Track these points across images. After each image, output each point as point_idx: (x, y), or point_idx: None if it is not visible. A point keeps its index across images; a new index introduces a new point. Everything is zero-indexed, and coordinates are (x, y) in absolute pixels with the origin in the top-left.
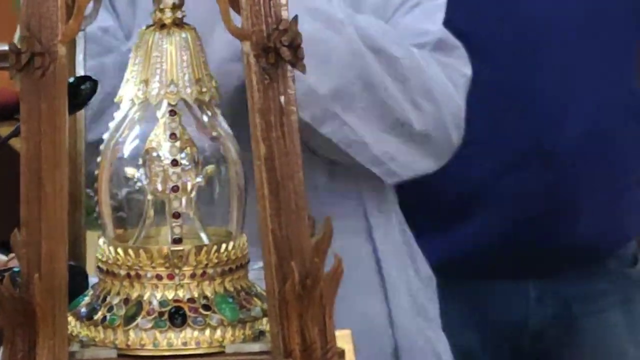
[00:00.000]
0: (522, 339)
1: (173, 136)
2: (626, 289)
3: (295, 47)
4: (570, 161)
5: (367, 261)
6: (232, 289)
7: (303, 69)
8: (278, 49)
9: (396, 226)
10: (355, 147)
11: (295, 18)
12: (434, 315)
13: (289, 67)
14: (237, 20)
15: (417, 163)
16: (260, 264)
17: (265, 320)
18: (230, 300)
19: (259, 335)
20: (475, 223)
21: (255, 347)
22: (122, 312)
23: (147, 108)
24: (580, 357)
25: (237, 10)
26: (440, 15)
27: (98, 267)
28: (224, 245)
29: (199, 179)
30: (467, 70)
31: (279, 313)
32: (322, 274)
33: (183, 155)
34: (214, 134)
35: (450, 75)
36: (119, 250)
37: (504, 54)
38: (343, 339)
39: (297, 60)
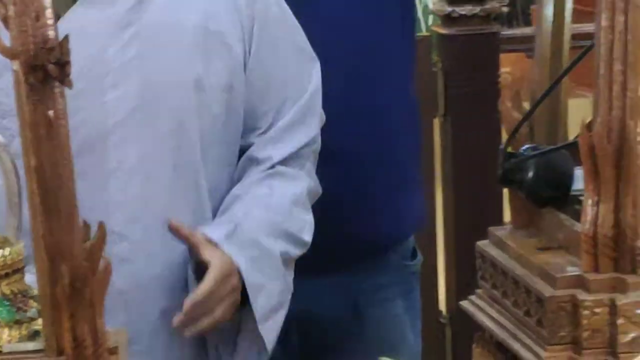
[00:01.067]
0: (312, 330)
1: None
2: (406, 280)
3: (62, 64)
4: (352, 161)
5: None
6: (8, 292)
7: (70, 85)
8: (46, 67)
9: None
10: None
11: (66, 37)
12: None
13: (57, 84)
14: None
15: None
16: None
17: (40, 320)
18: (7, 302)
19: (34, 335)
20: None
21: (30, 345)
22: None
23: None
24: (367, 345)
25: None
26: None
27: None
28: (0, 251)
29: None
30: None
31: (51, 313)
32: (91, 276)
33: None
34: None
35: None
36: None
37: None
38: (116, 336)
39: (64, 77)
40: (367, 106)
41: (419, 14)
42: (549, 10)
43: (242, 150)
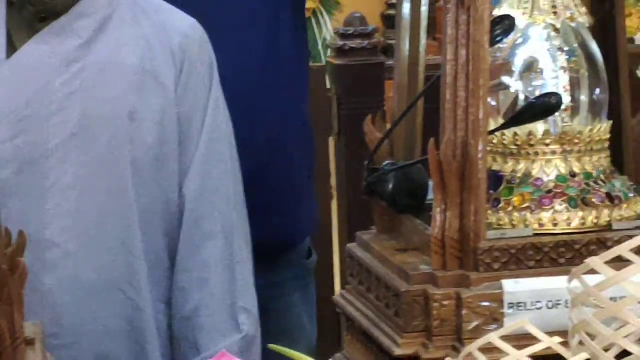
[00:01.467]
0: None
1: None
2: (303, 276)
3: None
4: (253, 175)
5: None
6: None
7: None
8: None
9: None
10: None
11: None
12: None
13: None
14: None
15: None
16: None
17: None
18: None
19: None
20: None
21: None
22: None
23: None
24: (271, 334)
25: None
26: None
27: None
28: None
29: None
30: None
31: None
32: (10, 278)
33: None
34: None
35: None
36: None
37: None
38: (34, 328)
39: None
40: (265, 125)
41: (320, 47)
42: (406, 45)
43: None
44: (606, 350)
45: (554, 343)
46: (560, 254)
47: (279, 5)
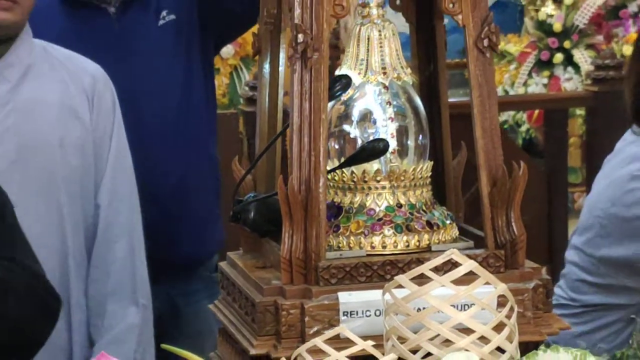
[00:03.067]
0: None
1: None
2: (212, 287)
3: None
4: (168, 202)
5: None
6: None
7: None
8: None
9: None
10: None
11: None
12: None
13: None
14: None
15: None
16: None
17: None
18: None
19: None
20: None
21: None
22: None
23: None
24: (186, 336)
25: None
26: None
27: None
28: None
29: None
30: None
31: None
32: None
33: None
34: None
35: None
36: None
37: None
38: None
39: None
40: (178, 161)
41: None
42: (265, 96)
43: None
44: (414, 352)
45: (367, 345)
46: (387, 271)
47: (190, 59)
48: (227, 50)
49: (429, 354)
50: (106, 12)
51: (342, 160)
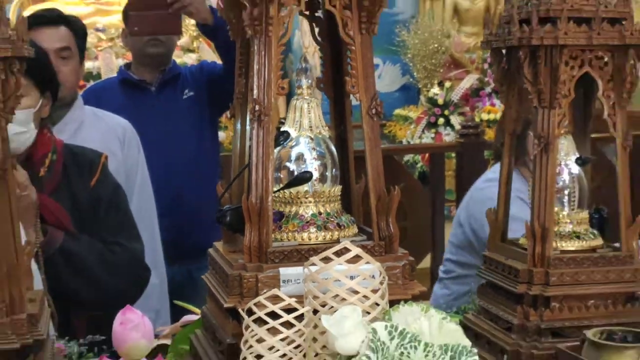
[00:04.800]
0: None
1: None
2: None
3: None
4: (188, 214)
5: None
6: None
7: None
8: None
9: None
10: None
11: None
12: None
13: None
14: None
15: None
16: None
17: None
18: None
19: None
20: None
21: None
22: None
23: None
24: (197, 297)
25: None
26: None
27: None
28: None
29: None
30: None
31: None
32: None
33: None
34: None
35: None
36: None
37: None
38: None
39: None
40: (195, 189)
41: None
42: (237, 143)
43: None
44: (323, 306)
45: (292, 301)
46: (310, 255)
47: (202, 121)
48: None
49: (332, 307)
50: (149, 90)
51: (283, 184)
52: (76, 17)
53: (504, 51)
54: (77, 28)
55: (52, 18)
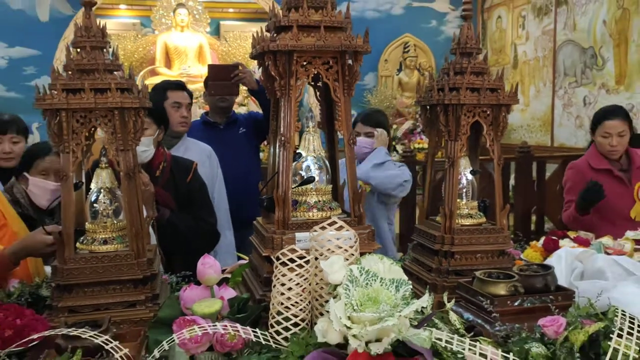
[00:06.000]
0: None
1: None
2: None
3: None
4: (244, 209)
5: None
6: None
7: None
8: None
9: None
10: None
11: None
12: None
13: None
14: None
15: None
16: None
17: None
18: None
19: None
20: None
21: None
22: None
23: None
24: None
25: None
26: None
27: None
28: None
29: None
30: None
31: None
32: None
33: None
34: None
35: None
36: None
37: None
38: None
39: None
40: (249, 193)
41: None
42: (271, 160)
43: None
44: (320, 255)
45: (302, 252)
46: (313, 225)
47: (251, 147)
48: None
49: (326, 256)
50: (219, 128)
51: (298, 184)
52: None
53: (428, 107)
54: (189, 91)
55: (182, 85)
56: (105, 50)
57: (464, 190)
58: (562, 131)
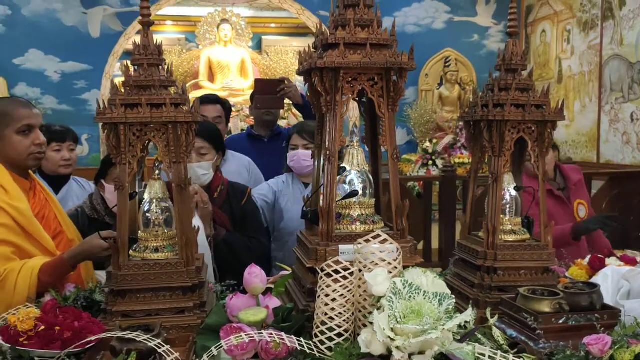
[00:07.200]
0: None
1: None
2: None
3: None
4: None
5: None
6: None
7: None
8: None
9: None
10: None
11: None
12: None
13: None
14: None
15: None
16: None
17: None
18: None
19: None
20: None
21: None
22: None
23: None
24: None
25: None
26: None
27: None
28: None
29: None
30: None
31: None
32: None
33: None
34: None
35: None
36: None
37: None
38: None
39: None
40: None
41: None
42: (317, 172)
43: None
44: (365, 267)
45: (347, 264)
46: (357, 238)
47: (284, 154)
48: None
49: (370, 269)
50: (264, 141)
51: (342, 197)
52: (225, 99)
53: (472, 123)
54: (225, 105)
55: (212, 99)
56: (160, 67)
57: (508, 206)
58: (608, 147)
